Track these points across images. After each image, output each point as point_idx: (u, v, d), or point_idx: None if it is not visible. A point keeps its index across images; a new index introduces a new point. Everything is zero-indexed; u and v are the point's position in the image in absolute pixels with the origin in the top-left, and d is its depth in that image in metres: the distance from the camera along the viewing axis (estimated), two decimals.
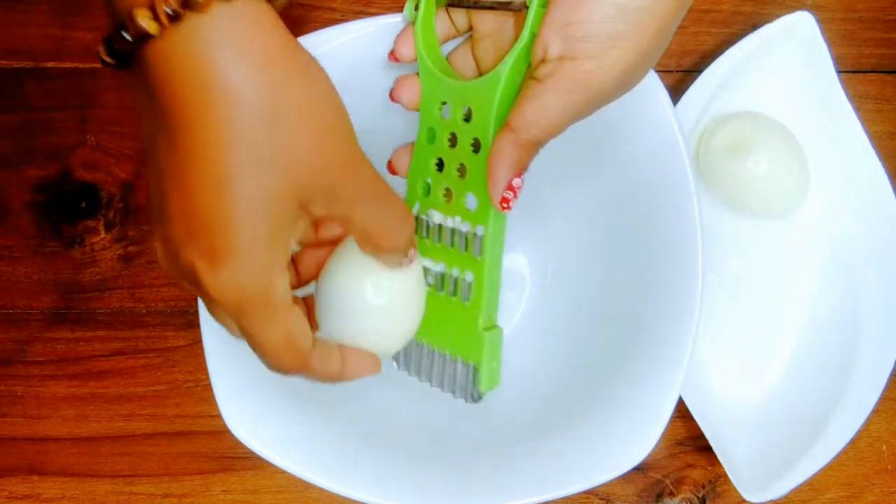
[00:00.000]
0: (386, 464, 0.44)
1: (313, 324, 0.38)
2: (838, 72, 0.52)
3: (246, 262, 0.30)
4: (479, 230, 0.39)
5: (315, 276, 0.39)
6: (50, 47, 0.54)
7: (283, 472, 0.42)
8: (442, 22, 0.40)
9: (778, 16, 0.51)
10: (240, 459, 0.52)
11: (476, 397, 0.41)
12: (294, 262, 0.38)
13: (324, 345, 0.36)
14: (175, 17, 0.28)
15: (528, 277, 0.53)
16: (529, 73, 0.36)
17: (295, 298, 0.34)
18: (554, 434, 0.45)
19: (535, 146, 0.36)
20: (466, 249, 0.39)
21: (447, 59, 0.41)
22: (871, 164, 0.52)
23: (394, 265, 0.37)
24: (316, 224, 0.37)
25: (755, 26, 0.52)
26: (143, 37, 0.28)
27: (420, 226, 0.41)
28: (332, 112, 0.31)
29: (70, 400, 0.53)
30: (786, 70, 0.53)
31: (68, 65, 0.54)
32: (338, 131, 0.31)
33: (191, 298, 0.53)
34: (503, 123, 0.36)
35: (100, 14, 0.55)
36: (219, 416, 0.42)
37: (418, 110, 0.41)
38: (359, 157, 0.32)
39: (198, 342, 0.49)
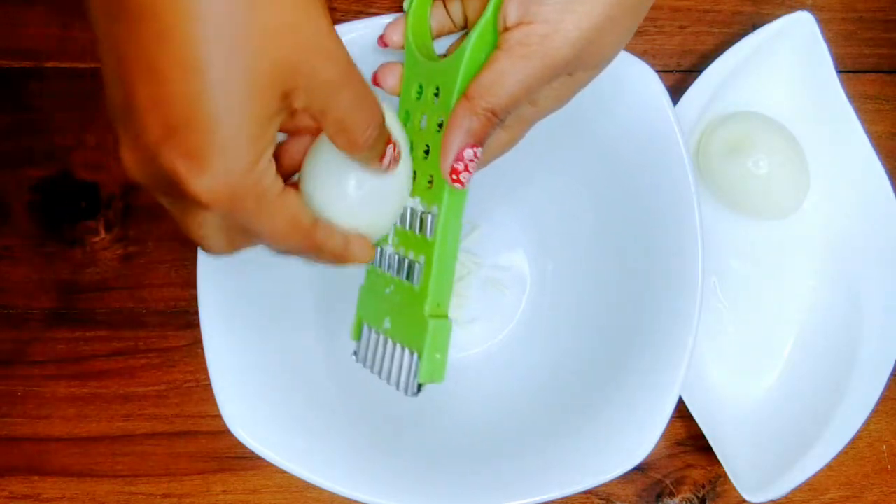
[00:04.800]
0: (386, 464, 0.44)
1: None
2: (838, 72, 0.52)
3: (233, 158, 0.28)
4: (434, 210, 0.37)
5: (298, 167, 0.37)
6: (50, 47, 0.54)
7: (283, 472, 0.42)
8: (438, 15, 0.40)
9: (778, 16, 0.51)
10: (240, 459, 0.52)
11: (415, 390, 0.38)
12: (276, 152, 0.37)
13: (323, 222, 0.34)
14: None
15: (528, 277, 0.53)
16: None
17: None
18: (554, 434, 0.45)
19: (492, 116, 0.35)
20: (420, 230, 0.38)
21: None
22: (871, 164, 0.52)
23: (374, 167, 0.35)
24: (293, 112, 0.33)
25: (755, 26, 0.52)
26: None
27: None
28: None
29: (70, 400, 0.53)
30: (786, 70, 0.53)
31: (68, 65, 0.54)
32: (318, 13, 0.29)
33: (191, 298, 0.53)
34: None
35: None
36: (219, 416, 0.42)
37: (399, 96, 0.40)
38: (336, 39, 0.30)
39: (198, 342, 0.49)
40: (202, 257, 0.43)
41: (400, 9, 0.41)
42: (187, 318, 0.53)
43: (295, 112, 0.31)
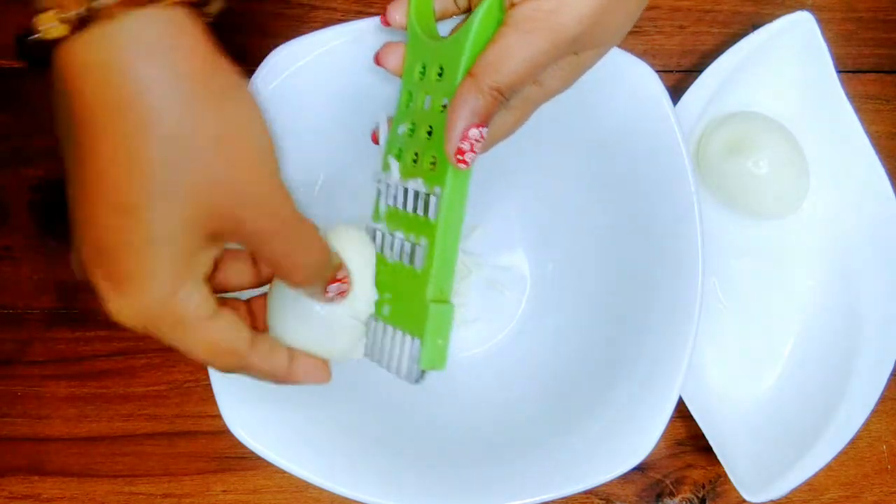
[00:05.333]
0: (386, 464, 0.44)
1: (259, 323, 0.38)
2: (838, 72, 0.52)
3: (149, 288, 0.29)
4: (437, 191, 0.36)
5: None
6: None
7: (283, 472, 0.42)
8: None
9: (778, 16, 0.51)
10: (240, 459, 0.52)
11: (417, 377, 0.37)
12: (254, 260, 0.37)
13: (268, 342, 0.34)
14: (83, 23, 0.26)
15: (528, 277, 0.53)
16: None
17: (223, 301, 0.32)
18: (554, 434, 0.45)
19: (498, 94, 0.34)
20: (424, 212, 0.37)
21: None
22: (871, 164, 0.52)
23: (318, 300, 0.35)
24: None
25: (755, 26, 0.52)
26: (52, 40, 0.27)
27: (383, 190, 0.40)
28: (251, 140, 0.29)
29: (70, 400, 0.53)
30: (786, 70, 0.53)
31: None
32: (255, 161, 0.29)
33: None
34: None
35: None
36: (219, 416, 0.42)
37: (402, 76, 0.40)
38: (275, 189, 0.30)
39: None
40: None
41: None
42: None
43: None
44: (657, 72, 0.43)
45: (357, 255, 0.38)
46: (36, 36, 0.27)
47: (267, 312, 0.37)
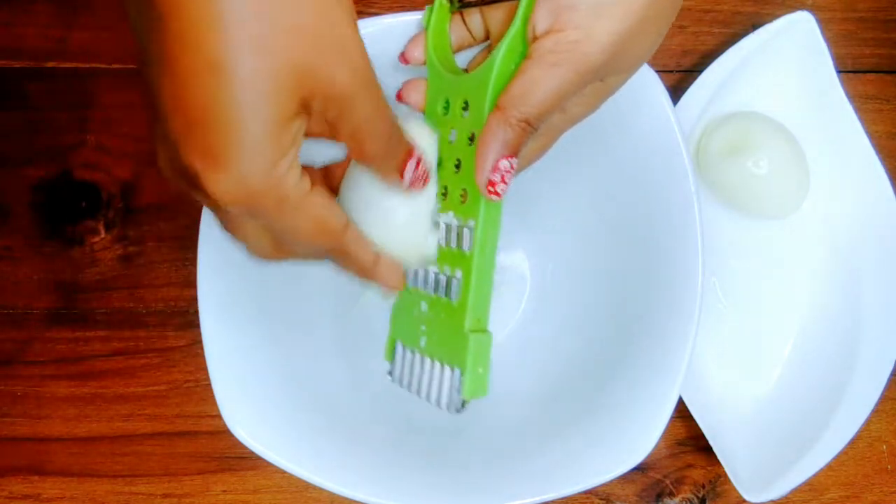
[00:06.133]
0: (386, 464, 0.44)
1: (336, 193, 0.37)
2: (838, 72, 0.52)
3: (251, 160, 0.27)
4: (470, 224, 0.37)
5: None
6: (50, 47, 0.54)
7: (283, 472, 0.42)
8: (457, 29, 0.40)
9: (778, 16, 0.51)
10: (240, 459, 0.52)
11: (459, 406, 0.38)
12: (328, 174, 0.37)
13: (357, 230, 0.34)
14: None
15: (528, 277, 0.53)
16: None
17: (316, 179, 0.32)
18: (554, 434, 0.45)
19: (526, 126, 0.34)
20: (457, 245, 0.37)
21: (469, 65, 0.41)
22: (871, 164, 0.52)
23: (392, 182, 0.35)
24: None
25: (755, 26, 0.52)
26: None
27: None
28: None
29: (70, 400, 0.53)
30: (786, 70, 0.53)
31: (68, 65, 0.54)
32: (340, 17, 0.28)
33: (190, 298, 0.53)
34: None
35: (100, 14, 0.55)
36: (219, 416, 0.42)
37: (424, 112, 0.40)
38: (358, 45, 0.29)
39: (198, 342, 0.49)
40: (202, 257, 0.43)
41: (400, 8, 0.41)
42: (187, 318, 0.53)
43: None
44: (657, 72, 0.43)
45: (429, 146, 0.38)
46: None
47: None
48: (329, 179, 0.37)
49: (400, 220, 0.37)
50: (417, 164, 0.35)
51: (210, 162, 0.27)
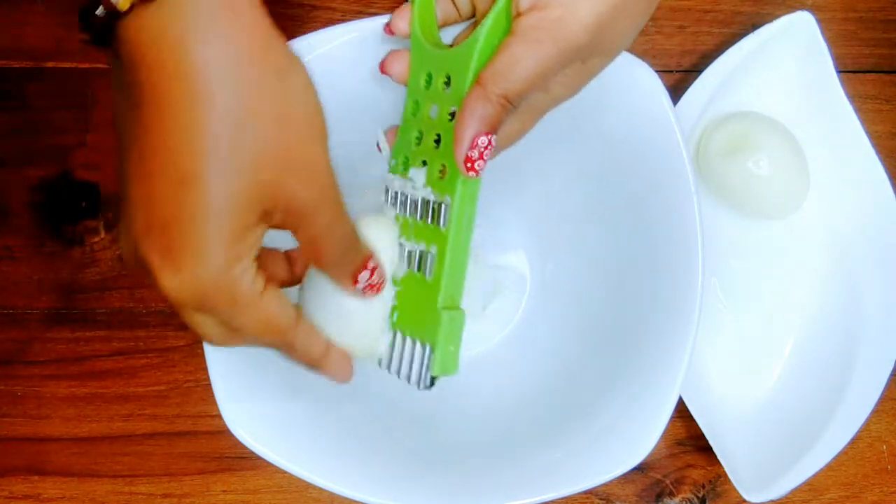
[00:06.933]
0: (386, 464, 0.44)
1: (298, 271, 0.38)
2: (838, 72, 0.52)
3: (206, 263, 0.29)
4: (447, 200, 0.37)
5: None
6: (50, 47, 0.54)
7: (283, 472, 0.42)
8: (444, 4, 0.40)
9: (778, 16, 0.51)
10: (240, 459, 0.52)
11: (428, 383, 0.37)
12: (290, 260, 0.38)
13: (309, 326, 0.35)
14: None
15: (528, 277, 0.53)
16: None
17: (278, 266, 0.33)
18: (553, 434, 0.45)
19: (506, 102, 0.34)
20: (433, 221, 0.37)
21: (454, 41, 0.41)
22: (871, 164, 0.52)
23: (347, 288, 0.36)
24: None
25: (755, 26, 0.52)
26: (115, 13, 0.27)
27: (392, 199, 0.40)
28: (306, 115, 0.30)
29: (70, 400, 0.53)
30: (786, 70, 0.53)
31: (68, 65, 0.54)
32: (309, 136, 0.30)
33: None
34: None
35: None
36: (219, 416, 0.42)
37: (407, 84, 0.40)
38: (327, 162, 0.31)
39: (197, 342, 0.49)
40: None
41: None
42: None
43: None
44: (657, 72, 0.43)
45: (388, 247, 0.38)
46: (101, 9, 0.28)
47: (301, 305, 0.38)
48: (292, 266, 0.38)
49: (354, 319, 0.37)
50: (372, 272, 0.36)
51: (167, 261, 0.29)
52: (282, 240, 0.34)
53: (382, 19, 0.42)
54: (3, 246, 0.53)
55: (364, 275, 0.35)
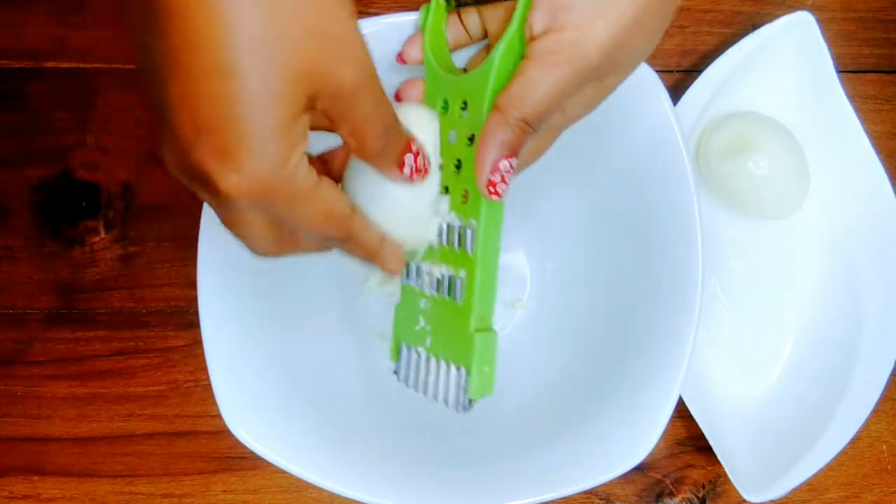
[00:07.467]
0: (386, 464, 0.44)
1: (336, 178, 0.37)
2: (838, 72, 0.52)
3: (261, 157, 0.28)
4: (473, 224, 0.37)
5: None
6: (50, 47, 0.54)
7: (283, 472, 0.42)
8: (454, 28, 0.40)
9: (778, 16, 0.51)
10: (240, 459, 0.52)
11: (466, 406, 0.38)
12: (326, 161, 0.37)
13: (362, 215, 0.35)
14: None
15: (528, 277, 0.53)
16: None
17: (318, 169, 0.32)
18: (553, 434, 0.45)
19: (525, 126, 0.34)
20: (459, 245, 0.38)
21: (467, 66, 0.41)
22: (871, 163, 0.52)
23: (392, 175, 0.35)
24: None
25: (755, 26, 0.52)
26: None
27: None
28: None
29: (70, 400, 0.53)
30: (786, 70, 0.53)
31: (68, 65, 0.54)
32: (344, 17, 0.29)
33: (191, 298, 0.53)
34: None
35: (99, 14, 0.55)
36: (219, 416, 0.42)
37: None
38: (360, 41, 0.30)
39: (198, 342, 0.49)
40: (202, 257, 0.43)
41: (400, 8, 0.41)
42: (187, 318, 0.53)
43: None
44: (657, 72, 0.43)
45: (430, 133, 0.38)
46: None
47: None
48: (327, 166, 0.38)
49: (403, 208, 0.37)
50: (416, 156, 0.35)
51: (223, 161, 0.28)
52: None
53: (383, 19, 0.42)
54: (3, 246, 0.53)
55: (408, 159, 0.35)
